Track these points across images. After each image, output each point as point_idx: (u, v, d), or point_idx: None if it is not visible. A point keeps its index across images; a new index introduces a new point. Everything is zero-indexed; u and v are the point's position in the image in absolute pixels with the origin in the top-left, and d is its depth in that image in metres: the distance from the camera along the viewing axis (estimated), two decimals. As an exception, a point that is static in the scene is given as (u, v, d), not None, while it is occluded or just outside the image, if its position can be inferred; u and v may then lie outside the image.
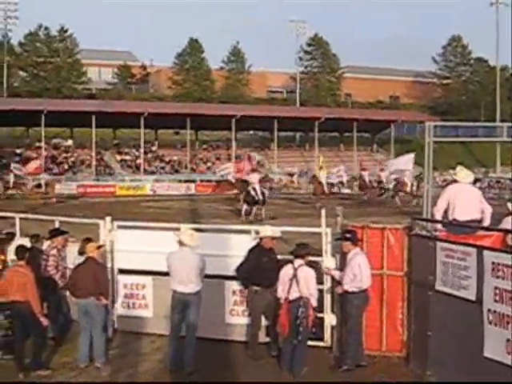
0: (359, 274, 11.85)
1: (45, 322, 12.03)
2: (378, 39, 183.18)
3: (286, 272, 11.74)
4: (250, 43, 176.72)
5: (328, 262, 12.80)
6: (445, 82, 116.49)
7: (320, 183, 47.34)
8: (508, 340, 9.42)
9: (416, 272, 11.86)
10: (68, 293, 13.06)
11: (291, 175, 70.71)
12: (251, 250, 12.71)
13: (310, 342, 12.16)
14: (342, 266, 12.34)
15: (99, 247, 12.70)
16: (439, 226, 12.74)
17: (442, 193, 13.57)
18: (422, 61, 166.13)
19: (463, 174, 13.60)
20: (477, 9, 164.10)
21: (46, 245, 14.32)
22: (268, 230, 12.77)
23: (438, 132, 15.87)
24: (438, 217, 13.05)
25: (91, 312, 12.14)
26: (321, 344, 12.89)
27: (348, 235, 12.22)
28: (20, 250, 12.45)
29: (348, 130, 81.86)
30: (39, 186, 57.36)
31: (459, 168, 13.69)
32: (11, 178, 55.47)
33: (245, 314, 13.17)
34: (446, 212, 13.37)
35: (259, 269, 12.27)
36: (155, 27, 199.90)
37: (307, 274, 11.81)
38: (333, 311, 12.88)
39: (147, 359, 12.73)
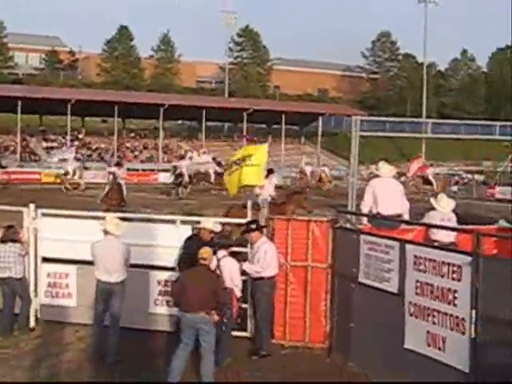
0: (263, 261, 12.06)
1: None
2: (308, 32, 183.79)
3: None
4: (180, 32, 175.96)
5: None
6: (373, 76, 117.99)
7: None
8: (428, 332, 9.63)
9: (340, 264, 12.03)
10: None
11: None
12: (187, 240, 12.67)
13: (233, 333, 12.24)
14: (252, 257, 12.47)
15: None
16: (364, 219, 12.92)
17: (366, 188, 13.74)
18: (350, 55, 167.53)
19: (386, 169, 13.81)
20: (406, 5, 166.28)
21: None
22: (209, 223, 12.74)
23: (365, 126, 16.02)
24: (365, 211, 13.22)
25: (201, 329, 10.64)
26: (244, 334, 12.95)
27: (253, 226, 12.37)
28: None
29: (276, 122, 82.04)
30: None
31: (382, 163, 13.90)
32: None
33: (169, 304, 13.12)
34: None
35: (192, 259, 12.20)
36: (85, 13, 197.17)
37: (230, 265, 11.87)
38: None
39: (70, 349, 12.61)
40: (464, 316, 9.00)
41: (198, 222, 12.98)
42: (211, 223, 12.73)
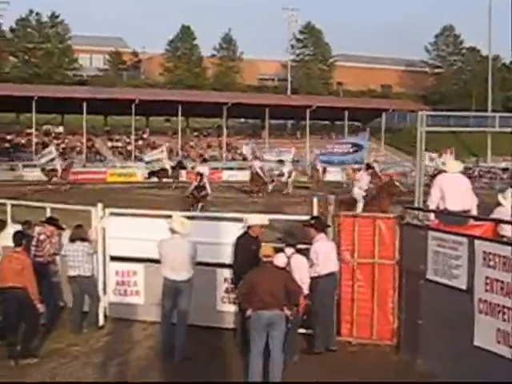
0: (315, 259, 12.10)
1: (41, 308, 12.10)
2: (370, 28, 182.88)
3: (280, 261, 11.63)
4: (241, 31, 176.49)
5: None
6: (437, 71, 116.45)
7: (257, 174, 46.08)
8: (498, 329, 9.48)
9: (407, 261, 11.91)
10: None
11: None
12: (239, 239, 12.66)
13: (301, 330, 12.26)
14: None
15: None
16: (431, 215, 12.79)
17: (433, 183, 13.61)
18: (413, 50, 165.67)
19: (452, 164, 13.64)
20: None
21: (36, 231, 14.35)
22: (256, 219, 12.78)
23: (429, 121, 15.86)
24: (432, 207, 13.08)
25: (275, 326, 10.66)
26: (311, 331, 12.91)
27: (312, 221, 12.35)
28: (17, 236, 12.47)
29: (339, 118, 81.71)
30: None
31: (448, 158, 13.74)
32: None
33: (236, 302, 13.13)
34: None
35: (248, 257, 12.17)
36: (147, 13, 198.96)
37: (301, 263, 11.85)
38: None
39: (139, 346, 12.77)
40: (536, 313, 8.86)
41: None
42: (258, 219, 12.76)
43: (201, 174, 34.33)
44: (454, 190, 12.98)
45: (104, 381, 11.15)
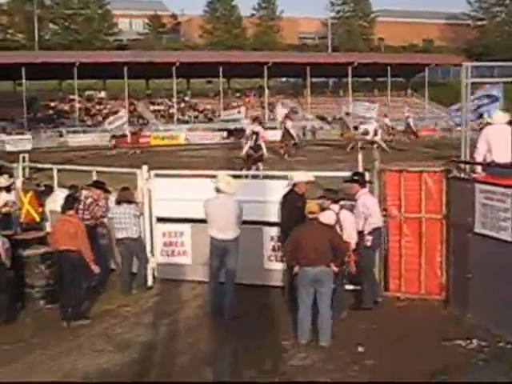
0: (367, 213, 12.04)
1: (96, 269, 12.31)
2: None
3: (329, 217, 11.59)
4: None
5: None
6: (479, 23, 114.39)
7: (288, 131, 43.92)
8: (549, 282, 9.41)
9: (455, 215, 11.81)
10: None
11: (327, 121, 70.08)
12: (285, 197, 12.64)
13: (350, 286, 12.28)
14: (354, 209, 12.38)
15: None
16: (478, 168, 12.64)
17: (479, 136, 13.44)
18: (455, 2, 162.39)
19: (499, 116, 13.44)
20: None
21: (83, 194, 14.47)
22: (302, 176, 12.73)
23: (474, 73, 15.60)
24: (479, 160, 12.92)
25: (323, 282, 10.67)
26: (359, 287, 12.90)
27: (356, 177, 12.32)
28: (68, 199, 12.64)
29: (381, 74, 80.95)
30: None
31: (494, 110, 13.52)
32: None
33: (283, 260, 13.15)
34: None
35: (294, 215, 12.16)
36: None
37: (349, 218, 11.81)
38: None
39: (188, 306, 12.89)
40: None
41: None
42: (304, 175, 12.70)
43: (256, 133, 31.95)
44: (500, 141, 12.80)
45: (153, 341, 11.28)
